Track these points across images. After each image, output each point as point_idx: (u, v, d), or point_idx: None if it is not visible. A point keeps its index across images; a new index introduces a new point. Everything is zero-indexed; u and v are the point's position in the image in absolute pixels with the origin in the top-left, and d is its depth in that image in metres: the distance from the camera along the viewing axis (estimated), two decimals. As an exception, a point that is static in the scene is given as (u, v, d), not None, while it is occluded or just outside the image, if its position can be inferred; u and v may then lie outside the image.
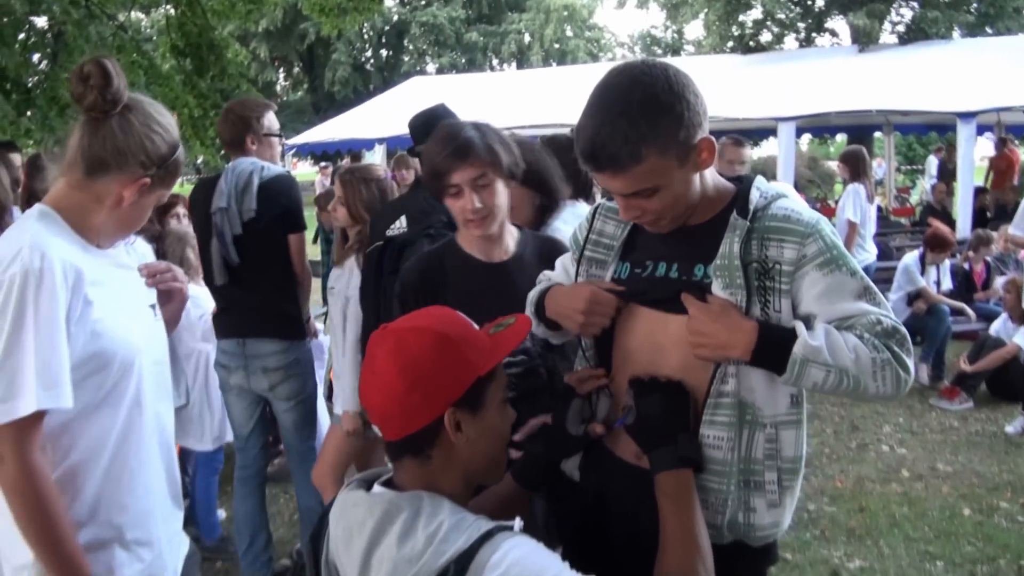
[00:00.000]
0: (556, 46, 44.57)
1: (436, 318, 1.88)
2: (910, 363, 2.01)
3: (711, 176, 2.17)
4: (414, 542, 1.66)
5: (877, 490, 6.21)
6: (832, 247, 2.04)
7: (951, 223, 12.79)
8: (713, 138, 2.05)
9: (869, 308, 2.03)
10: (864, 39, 20.75)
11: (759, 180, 2.19)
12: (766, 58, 21.61)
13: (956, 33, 22.11)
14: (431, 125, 4.06)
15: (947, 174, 16.17)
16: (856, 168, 9.45)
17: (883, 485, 6.30)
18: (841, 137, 22.60)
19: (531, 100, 17.75)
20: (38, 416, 2.07)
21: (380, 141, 17.26)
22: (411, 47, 45.17)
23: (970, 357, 8.29)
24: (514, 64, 45.34)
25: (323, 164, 25.70)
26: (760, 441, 2.10)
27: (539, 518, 2.62)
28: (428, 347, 1.77)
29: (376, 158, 16.91)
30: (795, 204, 2.14)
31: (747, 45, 24.91)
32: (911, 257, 9.46)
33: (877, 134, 20.99)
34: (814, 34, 25.40)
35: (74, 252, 2.19)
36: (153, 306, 2.49)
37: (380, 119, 18.28)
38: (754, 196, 2.12)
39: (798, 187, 14.28)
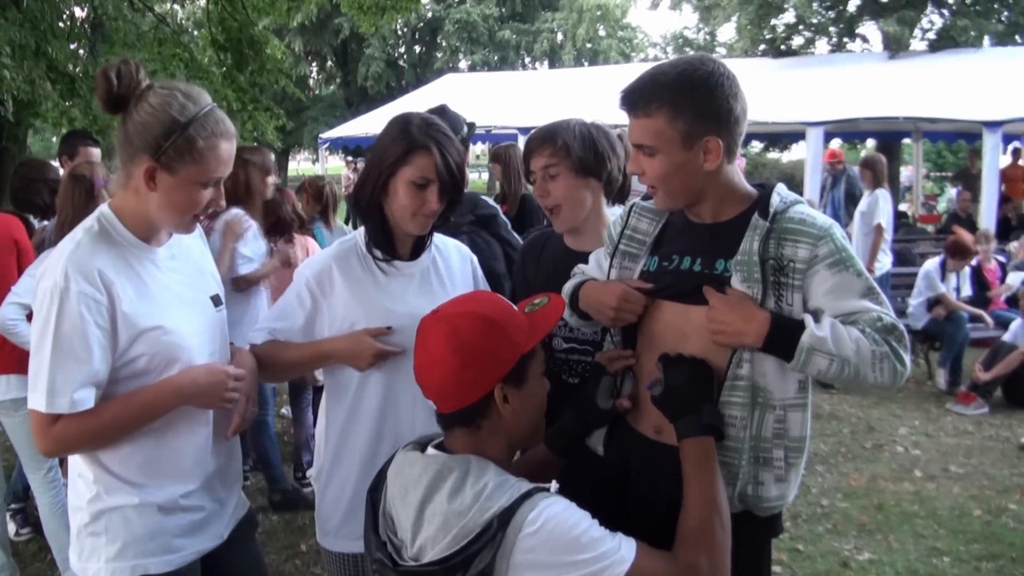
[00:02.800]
0: (588, 45, 44.53)
1: (481, 302, 2.14)
2: (906, 357, 2.23)
3: (736, 179, 2.42)
4: (463, 498, 1.91)
5: (890, 488, 6.40)
6: (842, 249, 2.27)
7: (975, 231, 12.84)
8: (721, 144, 2.28)
9: (872, 306, 2.25)
10: (895, 45, 20.73)
11: (780, 186, 2.42)
12: (797, 62, 21.53)
13: (986, 41, 22.03)
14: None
15: (971, 181, 16.19)
16: (878, 173, 9.61)
17: (896, 484, 6.49)
18: (871, 143, 22.55)
19: (563, 99, 17.84)
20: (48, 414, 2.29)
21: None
22: (444, 44, 45.24)
23: (985, 363, 8.44)
24: (546, 63, 45.39)
25: (349, 159, 25.98)
26: (770, 421, 2.33)
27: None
28: (478, 330, 2.02)
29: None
30: (811, 210, 2.37)
31: (778, 49, 24.87)
32: (932, 263, 9.58)
33: (906, 140, 20.95)
34: (845, 39, 25.32)
35: (116, 259, 2.36)
36: (215, 297, 2.66)
37: (413, 115, 18.37)
38: (774, 200, 2.35)
39: (823, 190, 14.29)
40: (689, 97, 2.25)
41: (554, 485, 1.96)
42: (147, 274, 2.43)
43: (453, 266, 3.05)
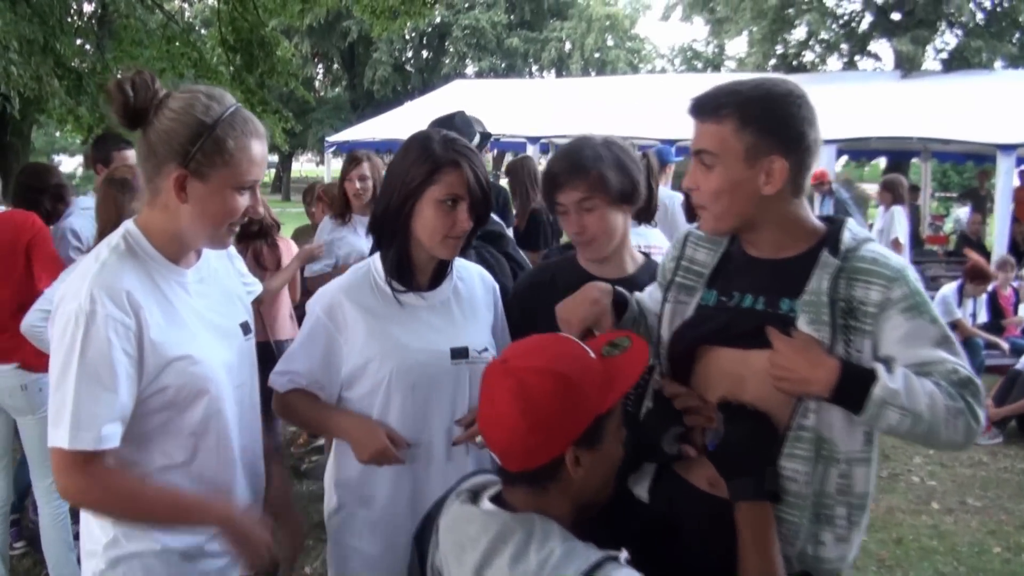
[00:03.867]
0: (596, 55, 44.51)
1: (555, 355, 1.89)
2: (982, 415, 2.07)
3: (804, 214, 2.25)
4: (526, 566, 1.73)
5: (908, 521, 6.25)
6: (916, 293, 2.11)
7: (986, 254, 12.73)
8: (787, 168, 2.13)
9: (947, 356, 2.09)
10: (907, 64, 20.69)
11: (851, 222, 2.26)
12: (809, 78, 21.40)
13: (998, 63, 22.02)
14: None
15: (980, 203, 16.07)
16: (898, 194, 9.51)
17: (913, 517, 6.34)
18: (878, 161, 22.48)
19: (570, 108, 17.79)
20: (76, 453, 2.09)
21: (420, 143, 17.29)
22: (452, 49, 45.29)
23: (998, 394, 8.31)
24: (553, 71, 45.39)
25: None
26: (833, 476, 2.16)
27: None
28: (550, 391, 1.81)
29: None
30: (883, 249, 2.22)
31: (790, 64, 24.85)
32: (950, 288, 9.50)
33: (914, 160, 20.89)
34: (857, 57, 25.32)
35: (144, 281, 2.19)
36: (244, 324, 2.50)
37: (421, 120, 18.13)
38: (846, 237, 2.19)
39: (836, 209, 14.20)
40: (762, 109, 2.12)
41: (624, 553, 1.79)
42: (176, 298, 2.26)
43: (476, 295, 2.88)
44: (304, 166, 60.01)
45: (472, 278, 2.90)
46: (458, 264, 2.86)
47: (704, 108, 2.18)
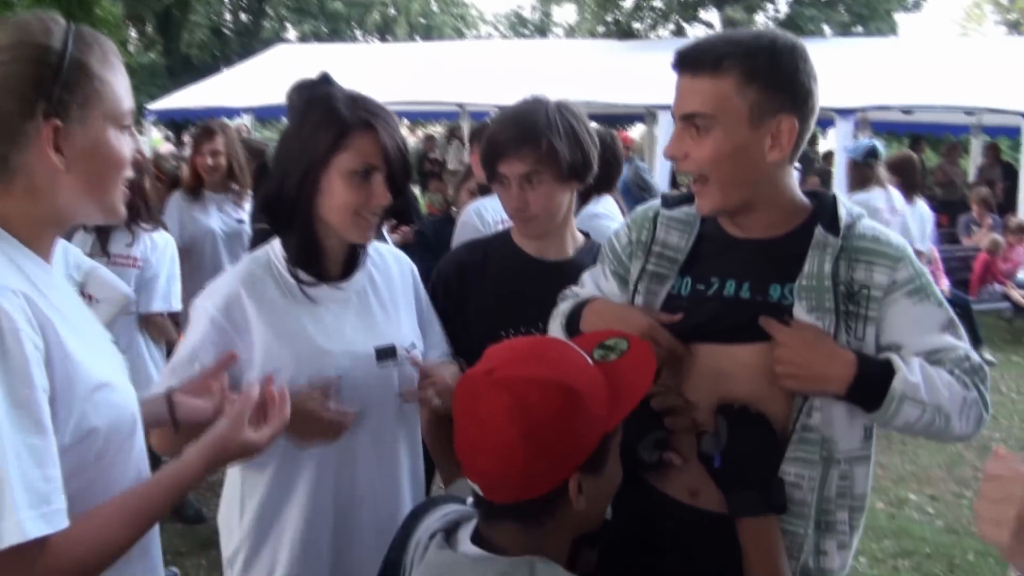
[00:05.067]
0: (422, 20, 43.97)
1: (554, 363, 1.58)
2: (988, 401, 1.91)
3: (793, 185, 2.00)
4: None
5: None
6: (921, 274, 1.92)
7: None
8: (797, 129, 1.87)
9: (956, 342, 1.92)
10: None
11: (841, 196, 2.05)
12: (643, 45, 21.70)
13: (827, 31, 22.66)
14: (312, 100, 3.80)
15: (808, 165, 16.43)
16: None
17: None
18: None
19: (398, 73, 17.36)
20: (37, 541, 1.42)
21: (246, 110, 16.64)
22: (272, 13, 43.93)
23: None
24: (377, 36, 44.59)
25: (169, 135, 24.87)
26: (834, 478, 1.96)
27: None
28: (557, 408, 1.50)
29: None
30: (881, 226, 2.00)
31: (622, 31, 24.99)
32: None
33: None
34: (686, 24, 25.67)
35: (26, 284, 1.54)
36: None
37: (245, 87, 17.63)
38: (843, 212, 1.97)
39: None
40: (769, 62, 1.85)
41: None
42: (62, 303, 1.62)
43: (395, 282, 2.48)
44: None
45: (387, 262, 2.51)
46: (371, 247, 2.45)
47: (699, 61, 1.89)
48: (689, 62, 1.91)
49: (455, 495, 1.85)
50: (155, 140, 29.51)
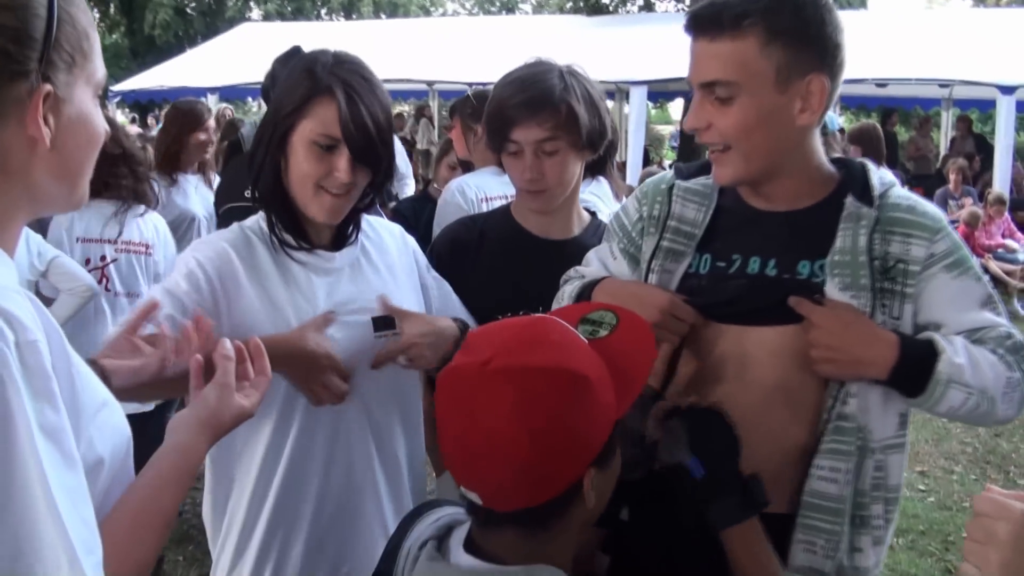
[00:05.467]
0: (387, -1, 43.66)
1: (557, 348, 1.40)
2: None
3: (818, 152, 1.82)
4: None
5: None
6: (959, 246, 1.79)
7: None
8: (827, 88, 1.71)
9: (997, 319, 1.79)
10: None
11: (869, 163, 1.89)
12: (612, 20, 21.61)
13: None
14: (300, 59, 3.61)
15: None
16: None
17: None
18: (678, 101, 22.79)
19: (365, 52, 16.89)
20: None
21: (212, 90, 16.36)
22: (236, -8, 43.49)
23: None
24: (343, 14, 44.21)
25: (135, 116, 24.57)
26: (869, 470, 1.81)
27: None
28: (570, 400, 1.34)
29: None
30: (914, 194, 1.85)
31: (591, 7, 24.90)
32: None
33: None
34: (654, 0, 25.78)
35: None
36: None
37: (210, 67, 17.40)
38: (875, 181, 1.82)
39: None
40: (793, 16, 1.67)
41: None
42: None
43: (389, 252, 2.29)
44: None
45: (381, 235, 2.32)
46: (365, 221, 2.27)
47: (715, 21, 1.69)
48: (705, 24, 1.71)
49: (449, 500, 1.68)
50: (121, 122, 29.25)
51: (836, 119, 7.42)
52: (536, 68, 2.39)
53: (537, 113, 2.29)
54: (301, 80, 2.00)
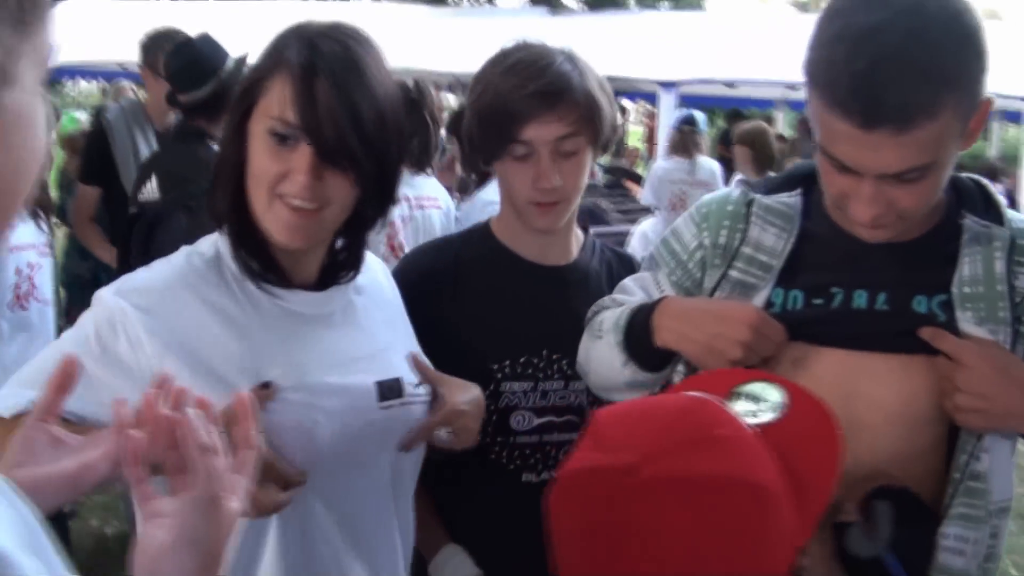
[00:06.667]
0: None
1: (729, 447, 1.11)
2: None
3: None
4: None
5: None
6: None
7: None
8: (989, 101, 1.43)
9: None
10: (554, 2, 21.26)
11: (985, 181, 1.63)
12: (454, 12, 21.52)
13: (631, 2, 23.21)
14: (202, 65, 3.48)
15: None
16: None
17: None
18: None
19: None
20: None
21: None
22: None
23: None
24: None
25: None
26: (985, 539, 1.51)
27: None
28: (757, 522, 1.08)
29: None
30: None
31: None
32: (649, 224, 9.53)
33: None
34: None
35: None
36: None
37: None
38: (999, 197, 1.57)
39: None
40: (956, 58, 1.33)
41: None
42: None
43: (386, 294, 1.81)
44: None
45: (373, 270, 1.80)
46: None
47: (906, 113, 1.30)
48: (894, 118, 1.31)
49: None
50: None
51: (684, 113, 8.01)
52: (533, 52, 1.89)
53: (555, 106, 1.82)
54: (270, 49, 1.52)
